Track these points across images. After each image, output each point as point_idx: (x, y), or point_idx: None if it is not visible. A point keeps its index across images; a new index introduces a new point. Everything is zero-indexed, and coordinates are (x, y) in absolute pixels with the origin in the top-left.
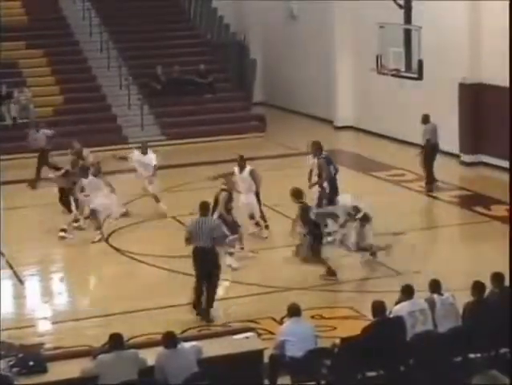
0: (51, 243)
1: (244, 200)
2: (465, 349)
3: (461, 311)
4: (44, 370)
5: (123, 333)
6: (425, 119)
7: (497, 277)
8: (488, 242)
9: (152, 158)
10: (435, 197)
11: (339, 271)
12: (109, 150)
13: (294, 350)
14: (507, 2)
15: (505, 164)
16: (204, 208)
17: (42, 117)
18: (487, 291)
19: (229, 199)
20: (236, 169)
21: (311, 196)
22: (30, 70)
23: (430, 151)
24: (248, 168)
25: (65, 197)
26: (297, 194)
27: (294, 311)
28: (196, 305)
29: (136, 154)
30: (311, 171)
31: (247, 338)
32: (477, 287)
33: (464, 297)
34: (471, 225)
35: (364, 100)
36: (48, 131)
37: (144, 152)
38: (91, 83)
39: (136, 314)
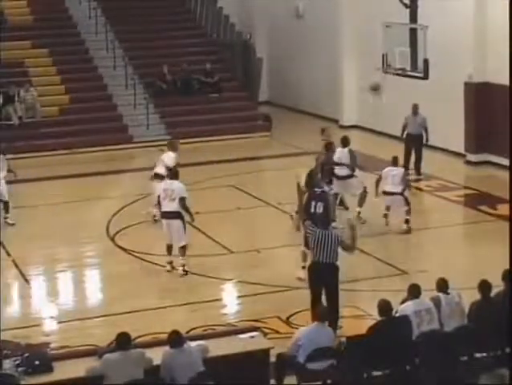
0: (57, 242)
1: None
2: (471, 348)
3: (467, 310)
4: (50, 370)
5: (129, 332)
6: (415, 110)
7: (508, 275)
8: (494, 241)
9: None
10: (438, 196)
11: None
12: (114, 149)
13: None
14: None
15: None
16: (327, 221)
17: (47, 116)
18: (497, 289)
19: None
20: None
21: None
22: (36, 69)
23: (419, 142)
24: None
25: None
26: None
27: (320, 315)
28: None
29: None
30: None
31: (252, 337)
32: (484, 286)
33: (470, 296)
34: (477, 224)
35: (370, 100)
36: None
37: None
38: (96, 82)
39: (142, 313)
